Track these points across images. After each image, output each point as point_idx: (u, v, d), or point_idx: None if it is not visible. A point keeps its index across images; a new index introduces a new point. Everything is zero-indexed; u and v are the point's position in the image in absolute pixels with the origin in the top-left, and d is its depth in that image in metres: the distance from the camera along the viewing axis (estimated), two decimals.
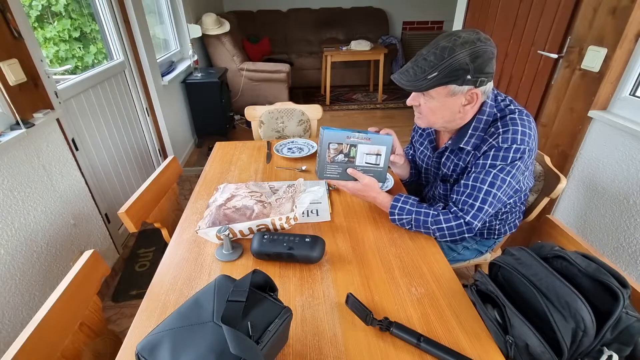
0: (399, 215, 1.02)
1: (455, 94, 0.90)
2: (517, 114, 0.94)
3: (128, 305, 1.72)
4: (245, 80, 3.94)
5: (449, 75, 0.86)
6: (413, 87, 0.91)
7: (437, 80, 0.87)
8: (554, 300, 0.66)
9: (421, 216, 0.99)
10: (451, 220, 0.97)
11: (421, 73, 0.88)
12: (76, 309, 0.80)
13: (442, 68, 0.85)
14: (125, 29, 2.22)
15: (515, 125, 0.92)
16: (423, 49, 0.91)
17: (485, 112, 0.97)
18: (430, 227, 0.99)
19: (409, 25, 5.54)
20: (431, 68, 0.86)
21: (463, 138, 1.00)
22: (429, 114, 0.98)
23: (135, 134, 2.39)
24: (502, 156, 0.93)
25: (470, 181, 0.97)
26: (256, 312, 0.62)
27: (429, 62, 0.87)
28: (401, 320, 0.76)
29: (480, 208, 0.96)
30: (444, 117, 0.97)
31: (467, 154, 1.03)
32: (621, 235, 1.43)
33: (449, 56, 0.84)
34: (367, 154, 1.02)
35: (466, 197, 0.98)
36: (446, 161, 1.10)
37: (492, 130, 0.95)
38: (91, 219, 1.78)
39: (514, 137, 0.91)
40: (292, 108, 1.93)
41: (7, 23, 1.31)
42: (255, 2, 5.11)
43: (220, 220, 1.04)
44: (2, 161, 1.27)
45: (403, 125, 3.89)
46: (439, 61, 0.85)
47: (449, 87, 0.89)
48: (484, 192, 0.95)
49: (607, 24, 1.40)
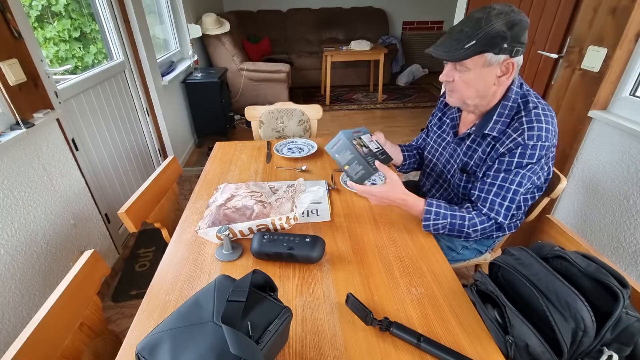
0: (435, 220, 0.98)
1: (491, 64, 0.89)
2: (540, 108, 0.94)
3: (128, 305, 1.72)
4: (245, 80, 3.94)
5: (486, 44, 0.85)
6: (450, 57, 0.90)
7: (474, 49, 0.86)
8: (554, 300, 0.66)
9: (457, 220, 0.98)
10: (485, 222, 0.98)
11: (458, 43, 0.87)
12: (76, 309, 0.80)
13: (479, 36, 0.85)
14: (125, 29, 2.22)
15: (540, 123, 0.91)
16: (456, 24, 0.90)
17: (510, 98, 0.96)
18: (465, 230, 0.99)
19: (409, 25, 5.53)
20: (468, 38, 0.86)
21: (488, 124, 0.99)
22: (463, 87, 0.95)
23: (135, 134, 2.39)
24: (529, 154, 0.92)
25: (499, 181, 0.97)
26: (256, 312, 0.62)
27: (465, 32, 0.87)
28: (401, 320, 0.76)
29: (509, 207, 0.98)
30: (478, 91, 0.95)
31: (488, 145, 1.01)
32: (621, 235, 1.43)
33: (485, 25, 0.84)
34: (370, 141, 1.03)
35: (494, 196, 0.98)
36: (467, 150, 1.08)
37: (516, 125, 0.94)
38: (91, 219, 1.78)
39: (539, 135, 0.91)
40: (292, 108, 1.93)
41: (7, 23, 1.31)
42: (255, 2, 5.11)
43: (220, 220, 1.04)
44: (2, 161, 1.27)
45: (403, 125, 3.89)
46: (476, 30, 0.85)
47: (486, 56, 0.88)
48: (513, 192, 0.96)
49: (607, 24, 1.40)
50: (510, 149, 0.94)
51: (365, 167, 0.98)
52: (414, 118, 4.07)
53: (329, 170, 1.40)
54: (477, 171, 1.05)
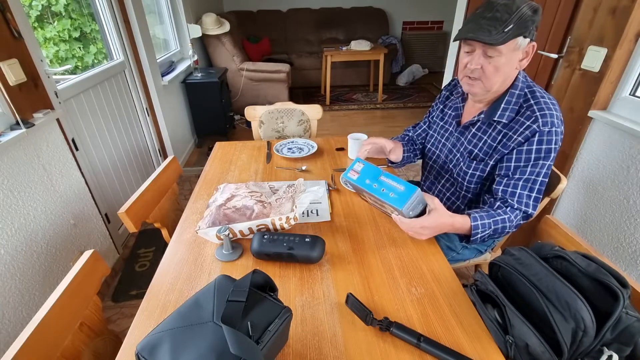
0: (482, 232, 0.97)
1: (519, 48, 0.91)
2: (547, 97, 0.96)
3: (128, 305, 1.72)
4: (245, 80, 3.94)
5: (520, 27, 0.87)
6: (493, 41, 0.88)
7: (513, 33, 0.87)
8: (554, 300, 0.65)
9: (499, 224, 0.97)
10: (518, 216, 0.99)
11: (499, 26, 0.87)
12: (76, 309, 0.80)
13: (514, 20, 0.86)
14: (125, 29, 2.22)
15: (550, 110, 0.94)
16: (481, 11, 0.90)
17: (518, 87, 0.99)
18: (507, 230, 0.99)
19: (409, 25, 5.53)
20: (505, 22, 0.86)
21: (497, 111, 1.00)
22: (493, 73, 0.94)
23: (135, 134, 2.39)
24: (547, 140, 0.94)
25: (526, 175, 0.98)
26: (256, 312, 0.62)
27: (498, 17, 0.87)
28: (401, 320, 0.76)
29: (537, 198, 1.00)
30: (504, 75, 0.95)
31: (498, 133, 1.02)
32: (621, 235, 1.43)
33: (516, 10, 0.86)
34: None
35: (522, 189, 0.99)
36: (472, 138, 1.08)
37: (528, 113, 0.95)
38: (91, 219, 1.78)
39: (552, 121, 0.93)
40: (292, 108, 1.93)
41: (7, 23, 1.31)
42: (255, 2, 5.11)
43: (220, 220, 1.04)
44: (2, 161, 1.27)
45: (403, 125, 3.89)
46: (509, 15, 0.86)
47: (517, 40, 0.89)
48: (540, 183, 0.98)
49: (607, 24, 1.40)
50: (527, 137, 0.95)
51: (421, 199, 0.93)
52: (414, 118, 4.07)
53: (329, 170, 1.40)
54: (487, 158, 1.05)
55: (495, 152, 1.02)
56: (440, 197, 1.25)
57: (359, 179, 1.00)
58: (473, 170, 1.09)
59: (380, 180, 0.96)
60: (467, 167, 1.10)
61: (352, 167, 1.03)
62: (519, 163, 0.98)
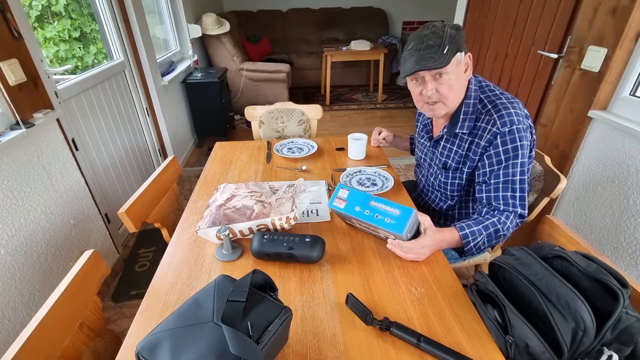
0: (474, 240, 0.98)
1: (460, 62, 0.97)
2: (504, 98, 1.01)
3: (128, 305, 1.72)
4: (245, 80, 3.94)
5: (454, 44, 0.93)
6: (438, 65, 0.93)
7: (451, 51, 0.93)
8: (554, 300, 0.65)
9: (490, 229, 0.98)
10: (509, 217, 1.01)
11: (438, 51, 0.92)
12: (76, 309, 0.80)
13: (447, 41, 0.93)
14: (125, 29, 2.22)
15: (507, 109, 0.98)
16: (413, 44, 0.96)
17: (471, 97, 1.04)
18: (502, 234, 1.00)
19: (409, 25, 5.53)
20: (440, 46, 0.92)
21: (457, 123, 1.06)
22: (449, 91, 0.99)
23: (135, 134, 2.39)
24: (510, 139, 0.97)
25: (501, 177, 1.01)
26: (256, 312, 0.62)
27: (433, 44, 0.93)
28: (401, 320, 0.76)
29: (522, 197, 1.02)
30: (458, 89, 1.01)
31: (465, 141, 1.08)
32: (621, 235, 1.43)
33: (443, 33, 0.93)
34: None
35: (504, 191, 1.01)
36: (443, 150, 1.16)
37: (487, 117, 1.01)
38: (91, 219, 1.78)
39: (511, 120, 0.97)
40: (292, 108, 1.93)
41: (7, 23, 1.31)
42: (255, 2, 5.11)
43: (220, 220, 1.04)
44: (2, 161, 1.27)
45: (403, 125, 3.89)
46: (440, 39, 0.93)
47: (456, 56, 0.95)
48: (519, 182, 1.00)
49: (607, 24, 1.40)
50: (491, 141, 1.00)
51: (417, 219, 0.91)
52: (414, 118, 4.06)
53: (329, 170, 1.40)
54: (461, 166, 1.11)
55: (467, 159, 1.08)
56: (436, 199, 1.29)
57: (348, 207, 0.94)
58: (452, 180, 1.16)
59: (371, 206, 0.91)
60: (445, 177, 1.17)
61: (337, 194, 0.97)
62: (492, 167, 1.02)
